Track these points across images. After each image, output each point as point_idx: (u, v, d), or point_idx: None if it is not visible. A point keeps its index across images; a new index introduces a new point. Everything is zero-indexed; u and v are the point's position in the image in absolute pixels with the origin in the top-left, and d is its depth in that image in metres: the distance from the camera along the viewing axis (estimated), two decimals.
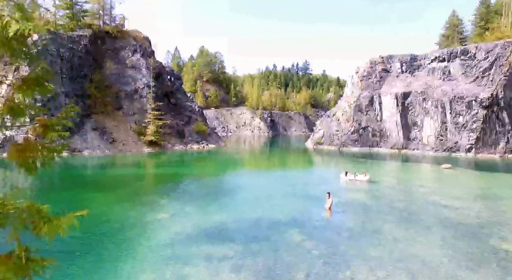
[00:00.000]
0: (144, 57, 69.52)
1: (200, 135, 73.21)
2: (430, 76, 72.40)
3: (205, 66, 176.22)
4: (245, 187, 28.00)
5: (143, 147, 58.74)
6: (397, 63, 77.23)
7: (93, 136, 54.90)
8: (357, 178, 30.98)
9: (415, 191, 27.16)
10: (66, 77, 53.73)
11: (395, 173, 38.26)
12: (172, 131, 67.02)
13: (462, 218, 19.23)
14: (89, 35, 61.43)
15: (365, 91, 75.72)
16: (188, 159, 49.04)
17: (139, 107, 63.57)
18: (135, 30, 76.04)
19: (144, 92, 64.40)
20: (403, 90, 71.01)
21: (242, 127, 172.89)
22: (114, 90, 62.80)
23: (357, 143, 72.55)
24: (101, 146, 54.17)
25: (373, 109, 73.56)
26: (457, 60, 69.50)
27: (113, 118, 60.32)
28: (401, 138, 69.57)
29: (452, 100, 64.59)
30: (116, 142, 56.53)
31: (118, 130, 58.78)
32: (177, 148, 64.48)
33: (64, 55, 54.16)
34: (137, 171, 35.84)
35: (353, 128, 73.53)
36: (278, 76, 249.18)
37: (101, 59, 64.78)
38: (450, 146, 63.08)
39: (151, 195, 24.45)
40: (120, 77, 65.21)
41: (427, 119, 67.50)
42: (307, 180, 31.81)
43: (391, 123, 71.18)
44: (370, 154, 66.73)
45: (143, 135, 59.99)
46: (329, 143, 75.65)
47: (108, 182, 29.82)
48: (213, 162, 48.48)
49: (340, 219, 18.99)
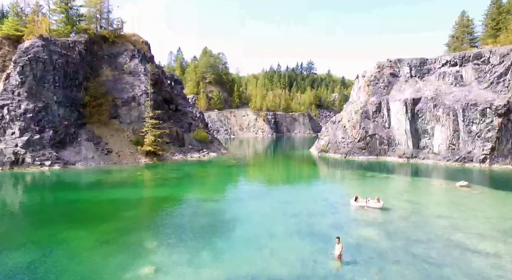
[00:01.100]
0: (143, 62, 66.97)
1: (201, 143, 70.60)
2: (440, 81, 69.13)
3: (208, 67, 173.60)
4: (243, 219, 25.26)
5: (140, 158, 56.23)
6: (405, 67, 74.04)
7: (87, 147, 52.45)
8: (369, 205, 28.11)
9: (434, 225, 24.22)
10: (59, 86, 51.25)
11: (407, 194, 35.26)
12: (171, 139, 64.46)
13: (498, 273, 16.35)
14: (84, 41, 58.92)
15: (372, 96, 72.63)
16: (185, 173, 46.36)
17: (137, 115, 61.00)
18: (134, 34, 73.55)
19: (142, 99, 61.82)
20: (413, 96, 67.83)
21: (246, 129, 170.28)
22: (110, 97, 60.26)
23: (364, 151, 69.53)
24: (95, 157, 51.71)
25: (381, 115, 70.48)
26: (469, 65, 66.17)
27: (109, 127, 57.84)
28: (411, 147, 66.47)
29: (465, 107, 61.33)
30: (112, 153, 54.04)
31: (114, 140, 56.29)
32: (176, 157, 61.91)
33: (57, 63, 51.65)
34: (128, 193, 33.13)
35: (359, 135, 70.51)
36: (282, 76, 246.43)
37: (97, 65, 62.32)
38: (463, 156, 59.84)
39: (138, 233, 21.77)
40: (117, 84, 62.69)
41: (438, 127, 64.31)
42: (313, 206, 28.96)
43: (399, 130, 68.08)
44: (378, 163, 63.77)
45: (141, 145, 57.46)
46: (335, 151, 72.71)
47: (93, 212, 27.18)
48: (212, 177, 45.74)
49: (350, 273, 16.20)
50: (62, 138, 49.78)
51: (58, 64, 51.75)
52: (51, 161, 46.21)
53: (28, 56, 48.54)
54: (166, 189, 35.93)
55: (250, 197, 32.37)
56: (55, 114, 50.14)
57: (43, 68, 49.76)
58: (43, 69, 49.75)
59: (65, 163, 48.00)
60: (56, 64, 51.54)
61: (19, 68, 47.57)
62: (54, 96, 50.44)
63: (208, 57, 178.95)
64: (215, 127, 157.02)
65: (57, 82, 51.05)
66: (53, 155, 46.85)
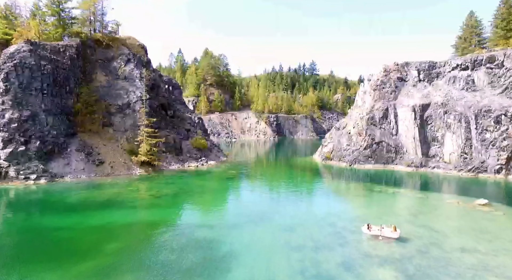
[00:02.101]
0: (138, 67, 63.87)
1: (199, 151, 67.46)
2: (451, 85, 65.71)
3: (209, 69, 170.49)
4: (239, 254, 22.14)
5: (134, 169, 53.15)
6: (413, 71, 70.67)
7: (77, 158, 49.41)
8: (384, 234, 24.88)
9: (459, 263, 21.00)
10: (47, 93, 48.20)
11: (423, 217, 31.90)
12: (168, 148, 61.37)
13: None
14: (76, 45, 55.88)
15: (378, 102, 69.30)
16: (180, 189, 43.25)
17: (131, 123, 57.91)
18: (129, 37, 70.43)
19: (137, 106, 58.72)
20: (421, 102, 64.46)
21: (247, 132, 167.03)
22: (103, 104, 57.22)
23: (370, 159, 66.20)
24: (86, 169, 48.66)
25: (387, 122, 67.12)
26: (482, 69, 62.74)
27: (101, 136, 54.81)
28: (419, 155, 63.09)
29: (477, 113, 57.91)
30: (104, 164, 50.98)
31: (106, 150, 53.24)
32: (173, 167, 58.81)
33: (45, 68, 48.59)
34: (115, 217, 29.95)
35: (366, 143, 67.17)
36: (284, 77, 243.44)
37: (90, 70, 59.27)
38: (476, 166, 56.43)
39: (118, 278, 18.70)
40: (111, 89, 59.63)
41: (449, 134, 60.91)
42: (318, 234, 25.78)
43: (408, 138, 64.71)
44: (385, 173, 60.45)
45: (135, 155, 54.39)
46: (340, 159, 69.40)
47: (73, 243, 24.02)
48: (208, 194, 42.36)
49: None
50: (50, 149, 46.76)
51: (46, 70, 48.69)
52: (37, 174, 43.20)
53: (13, 62, 45.56)
54: (158, 211, 32.79)
55: (249, 221, 29.21)
56: (43, 124, 47.11)
57: (30, 74, 46.72)
58: (30, 75, 46.71)
59: (53, 176, 44.96)
60: (45, 70, 48.48)
61: (3, 74, 44.59)
62: (42, 104, 47.40)
63: (209, 58, 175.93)
64: (216, 130, 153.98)
65: (45, 89, 47.99)
66: (40, 168, 43.84)
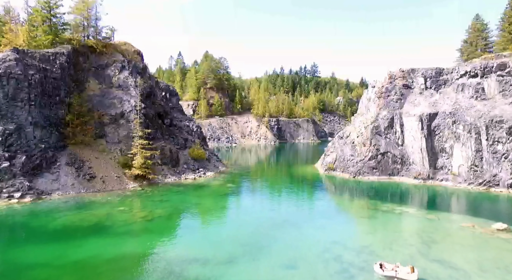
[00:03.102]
0: (133, 74, 61.33)
1: (197, 161, 64.79)
2: (459, 93, 62.90)
3: (209, 72, 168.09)
4: None
5: (127, 183, 50.51)
6: (420, 78, 67.88)
7: (67, 172, 46.78)
8: (400, 276, 22.05)
9: None
10: (34, 104, 45.60)
11: (437, 247, 28.85)
12: (164, 159, 58.72)
13: None
14: (67, 52, 53.30)
15: (384, 110, 66.52)
16: (174, 208, 40.59)
17: (125, 134, 55.29)
18: (125, 43, 67.94)
19: (132, 115, 56.10)
20: (429, 111, 61.66)
21: (248, 136, 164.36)
22: (96, 114, 54.63)
23: (375, 170, 63.40)
24: (75, 185, 46.01)
25: (393, 131, 64.34)
26: (492, 76, 59.92)
27: (93, 148, 52.19)
28: (427, 167, 60.24)
29: (488, 124, 55.07)
30: (95, 179, 48.34)
31: (98, 163, 50.60)
32: (169, 180, 56.15)
33: (33, 78, 46.01)
34: (100, 248, 26.99)
35: (370, 153, 64.38)
36: (285, 79, 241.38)
37: (83, 79, 56.73)
38: (487, 180, 53.57)
39: None
40: (105, 99, 57.06)
41: (458, 145, 58.08)
42: (323, 275, 23.01)
43: (414, 148, 61.90)
44: (391, 186, 57.63)
45: (129, 168, 51.78)
46: (343, 170, 66.59)
47: None
48: (203, 216, 39.24)
49: None
50: (38, 164, 44.14)
51: (34, 80, 46.09)
52: (22, 192, 40.57)
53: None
54: (148, 240, 29.98)
55: (246, 253, 26.44)
56: (30, 137, 44.49)
57: (16, 85, 44.12)
58: (16, 86, 44.10)
59: (39, 193, 42.32)
60: (32, 80, 45.88)
61: None
62: (29, 116, 44.78)
63: (210, 61, 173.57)
64: (216, 135, 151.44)
65: (32, 100, 45.38)
66: (25, 185, 41.20)
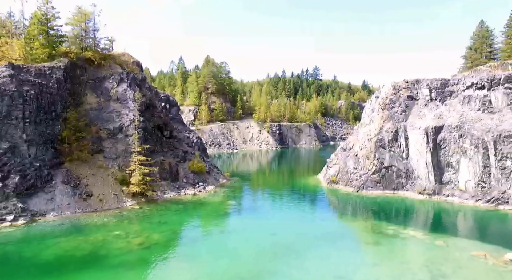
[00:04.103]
0: (132, 87, 60.07)
1: (197, 175, 63.40)
2: (465, 106, 61.42)
3: (210, 77, 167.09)
4: None
5: (125, 201, 49.22)
6: (425, 89, 66.45)
7: (63, 191, 45.49)
8: None
9: None
10: (29, 122, 44.34)
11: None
12: (163, 174, 57.37)
13: None
14: (64, 66, 52.10)
15: (388, 122, 65.04)
16: (173, 232, 39.07)
17: (124, 149, 53.99)
18: (124, 54, 66.77)
19: (130, 129, 54.83)
20: (434, 124, 60.15)
21: (249, 142, 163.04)
22: (94, 129, 53.37)
23: (379, 185, 61.93)
24: (71, 204, 44.72)
25: (397, 145, 62.86)
26: (500, 89, 58.43)
27: (90, 164, 50.89)
28: (432, 182, 58.73)
29: (496, 139, 53.51)
30: (92, 197, 47.04)
31: (95, 180, 49.31)
32: (168, 196, 54.84)
33: (28, 95, 44.77)
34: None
35: (374, 167, 62.90)
36: (287, 83, 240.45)
37: (80, 92, 55.48)
38: (495, 197, 52.02)
39: None
40: (102, 112, 55.82)
41: (465, 160, 56.56)
42: None
43: (419, 162, 60.39)
44: (396, 202, 56.15)
45: (127, 185, 50.48)
46: (346, 183, 65.12)
47: None
48: (200, 241, 36.93)
49: None
50: (32, 184, 42.84)
51: (29, 96, 44.84)
52: (15, 214, 39.27)
53: None
54: (143, 274, 28.60)
55: None
56: (24, 155, 43.25)
57: (11, 102, 42.89)
58: (10, 103, 42.87)
59: (34, 214, 41.02)
60: (27, 97, 44.63)
61: None
62: (24, 134, 43.53)
63: (211, 66, 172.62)
64: (217, 141, 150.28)
65: (27, 117, 44.13)
66: (18, 207, 39.91)
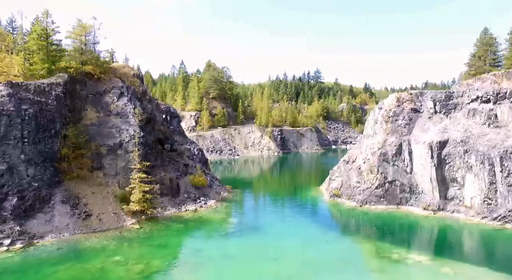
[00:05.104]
0: (132, 100, 59.46)
1: (198, 190, 62.65)
2: (470, 119, 60.53)
3: (212, 82, 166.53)
4: None
5: (125, 220, 48.50)
6: (429, 102, 65.55)
7: (61, 211, 44.79)
8: None
9: None
10: (28, 141, 43.67)
11: None
12: (164, 190, 56.57)
13: None
14: (63, 82, 51.46)
15: (391, 136, 64.17)
16: (173, 257, 38.40)
17: (124, 166, 53.26)
18: (124, 66, 66.36)
19: (130, 145, 54.09)
20: (439, 138, 59.23)
21: (251, 147, 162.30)
22: (93, 145, 52.68)
23: (383, 199, 61.08)
24: (70, 225, 43.99)
25: (401, 159, 61.98)
26: (506, 103, 57.54)
27: (90, 182, 50.21)
28: (437, 197, 57.82)
29: (503, 155, 52.51)
30: (91, 217, 46.33)
31: (95, 199, 48.62)
32: (169, 212, 54.15)
33: (26, 113, 44.10)
34: None
35: (377, 181, 62.04)
36: (288, 86, 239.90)
37: (80, 107, 54.85)
38: (502, 215, 50.99)
39: None
40: (102, 128, 55.15)
41: (470, 176, 55.63)
42: None
43: (424, 177, 59.49)
44: (400, 218, 55.33)
45: (127, 203, 49.74)
46: (349, 197, 64.25)
47: None
48: (201, 268, 35.88)
49: None
50: (31, 204, 42.17)
51: (28, 115, 44.16)
52: (12, 238, 38.52)
53: None
54: None
55: None
56: (22, 176, 42.56)
57: (9, 122, 42.21)
58: (9, 123, 42.20)
59: (31, 237, 40.27)
60: (26, 115, 43.95)
61: None
62: (22, 154, 42.85)
63: (212, 71, 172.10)
64: (218, 147, 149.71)
65: (25, 137, 43.47)
66: (15, 231, 39.20)
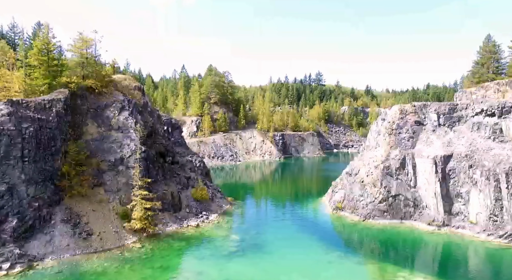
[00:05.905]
0: (134, 114, 58.86)
1: (199, 203, 62.11)
2: (475, 133, 59.97)
3: (213, 87, 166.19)
4: None
5: (126, 237, 47.96)
6: (432, 114, 64.95)
7: (62, 231, 44.28)
8: None
9: None
10: (28, 160, 43.17)
11: None
12: (165, 205, 55.97)
13: None
14: (64, 98, 50.95)
15: (394, 149, 63.54)
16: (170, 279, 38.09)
17: (125, 182, 52.69)
18: (125, 78, 65.77)
19: (132, 161, 53.55)
20: (443, 153, 58.62)
21: (252, 152, 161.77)
22: (94, 161, 52.17)
23: (386, 214, 60.43)
24: (70, 245, 43.46)
25: (405, 172, 61.35)
26: (511, 117, 56.89)
27: (91, 199, 49.68)
28: (441, 212, 57.15)
29: (508, 171, 51.91)
30: (92, 236, 45.80)
31: (96, 217, 48.10)
32: (170, 229, 53.61)
33: (27, 132, 43.60)
34: None
35: (381, 195, 61.38)
36: (290, 89, 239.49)
37: (81, 122, 54.31)
38: (509, 233, 50.35)
39: None
40: (103, 143, 54.63)
41: (475, 192, 54.98)
42: None
43: (428, 192, 58.84)
44: (404, 234, 54.71)
45: (128, 220, 49.23)
46: (352, 211, 63.62)
47: None
48: None
49: None
50: (31, 225, 41.67)
51: (28, 134, 43.64)
52: (11, 261, 37.98)
53: None
54: None
55: None
56: (23, 196, 42.05)
57: (9, 141, 41.72)
58: (9, 143, 41.70)
59: (31, 259, 39.71)
60: (26, 134, 43.44)
61: None
62: (22, 174, 42.33)
63: (213, 75, 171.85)
64: (219, 152, 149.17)
65: (26, 156, 42.95)
66: (15, 254, 38.65)
